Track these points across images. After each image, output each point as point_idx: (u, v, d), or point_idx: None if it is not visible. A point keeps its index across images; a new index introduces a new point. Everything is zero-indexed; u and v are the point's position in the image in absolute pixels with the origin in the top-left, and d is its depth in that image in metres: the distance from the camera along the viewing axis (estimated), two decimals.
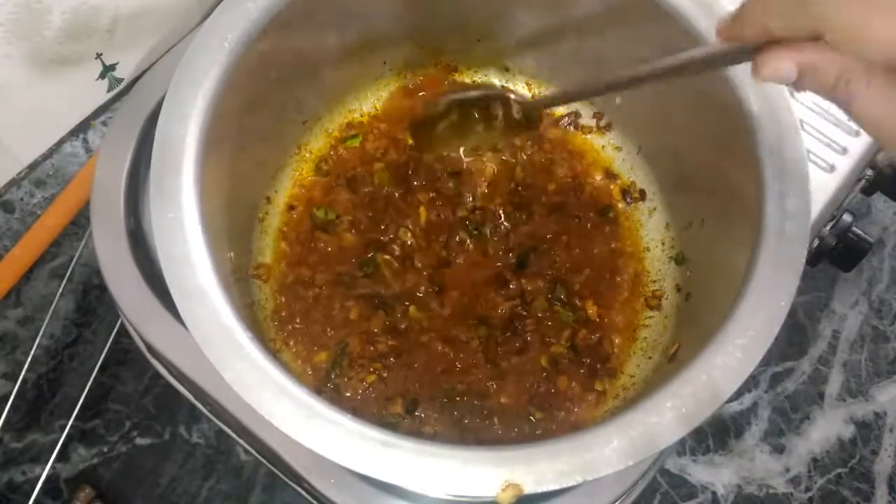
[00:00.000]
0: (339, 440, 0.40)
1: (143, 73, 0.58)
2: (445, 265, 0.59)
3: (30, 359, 0.63)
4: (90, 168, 0.66)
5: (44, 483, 0.61)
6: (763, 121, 0.49)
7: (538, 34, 0.62)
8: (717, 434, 0.70)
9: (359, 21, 0.58)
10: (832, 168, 0.57)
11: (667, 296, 0.59)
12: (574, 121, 0.64)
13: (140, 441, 0.66)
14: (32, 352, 0.63)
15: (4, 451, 0.64)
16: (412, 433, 0.46)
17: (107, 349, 0.65)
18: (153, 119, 0.51)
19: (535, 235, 0.60)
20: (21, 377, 0.63)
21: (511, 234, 0.60)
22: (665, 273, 0.60)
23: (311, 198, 0.61)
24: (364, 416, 0.42)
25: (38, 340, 0.64)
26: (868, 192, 0.63)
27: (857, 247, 0.60)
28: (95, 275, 0.68)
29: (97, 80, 0.64)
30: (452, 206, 0.60)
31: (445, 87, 0.65)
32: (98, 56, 0.62)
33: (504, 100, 0.51)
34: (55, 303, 0.65)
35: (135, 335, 0.54)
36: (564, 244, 0.60)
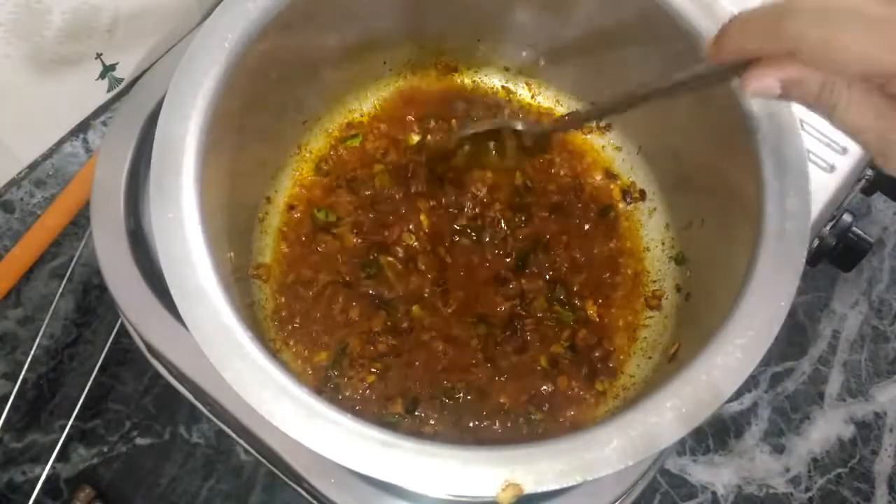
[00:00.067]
0: (339, 440, 0.40)
1: (143, 73, 0.58)
2: (447, 267, 0.59)
3: (30, 359, 0.63)
4: (90, 168, 0.66)
5: (44, 483, 0.61)
6: (763, 121, 0.49)
7: (538, 35, 0.62)
8: (717, 434, 0.70)
9: (359, 21, 0.58)
10: (832, 168, 0.57)
11: (667, 296, 0.59)
12: None
13: (140, 441, 0.66)
14: (32, 352, 0.63)
15: (4, 451, 0.64)
16: (412, 433, 0.46)
17: (107, 349, 0.65)
18: (153, 119, 0.51)
19: (536, 236, 0.60)
20: (21, 377, 0.63)
21: (511, 236, 0.60)
22: (665, 273, 0.60)
23: (312, 198, 0.61)
24: (364, 416, 0.42)
25: (38, 340, 0.64)
26: (868, 192, 0.63)
27: (857, 247, 0.60)
28: (95, 275, 0.68)
29: (97, 80, 0.64)
30: (453, 210, 0.60)
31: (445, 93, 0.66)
32: (98, 56, 0.62)
33: (515, 131, 0.53)
34: (55, 303, 0.65)
35: (135, 335, 0.54)
36: (564, 244, 0.60)
